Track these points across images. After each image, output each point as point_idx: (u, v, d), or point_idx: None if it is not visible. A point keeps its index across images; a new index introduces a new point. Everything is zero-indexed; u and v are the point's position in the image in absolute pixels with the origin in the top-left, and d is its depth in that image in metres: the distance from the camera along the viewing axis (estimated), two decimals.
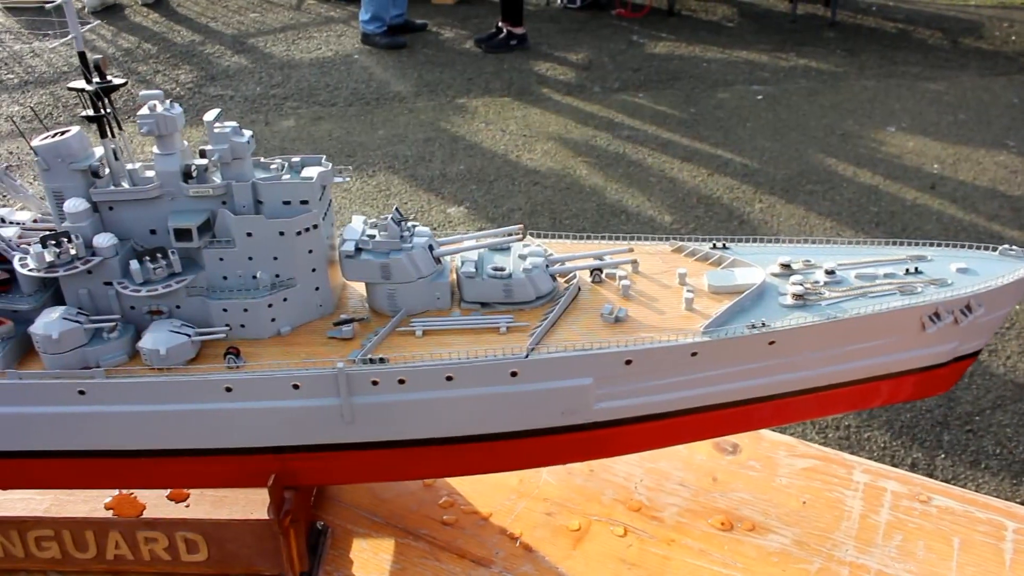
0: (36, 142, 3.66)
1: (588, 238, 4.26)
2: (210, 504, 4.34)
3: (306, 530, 4.00)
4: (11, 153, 10.93)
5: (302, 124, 11.51)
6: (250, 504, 4.30)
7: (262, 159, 3.80)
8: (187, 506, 4.35)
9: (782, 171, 10.68)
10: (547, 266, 3.92)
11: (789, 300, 3.87)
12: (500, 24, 13.75)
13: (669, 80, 12.91)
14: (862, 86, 12.66)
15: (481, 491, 4.47)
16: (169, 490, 4.40)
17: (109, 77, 3.65)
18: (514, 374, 3.62)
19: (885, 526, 4.31)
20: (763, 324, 3.74)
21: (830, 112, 12.02)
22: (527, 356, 3.60)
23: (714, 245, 4.27)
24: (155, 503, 4.38)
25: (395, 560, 4.14)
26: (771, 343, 3.79)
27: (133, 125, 3.64)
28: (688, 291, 3.91)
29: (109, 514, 4.30)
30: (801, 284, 3.91)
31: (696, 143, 11.32)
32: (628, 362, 3.68)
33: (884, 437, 6.78)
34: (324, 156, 3.81)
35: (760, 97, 12.41)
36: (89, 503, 4.37)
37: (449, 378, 3.58)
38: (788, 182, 10.45)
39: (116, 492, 4.42)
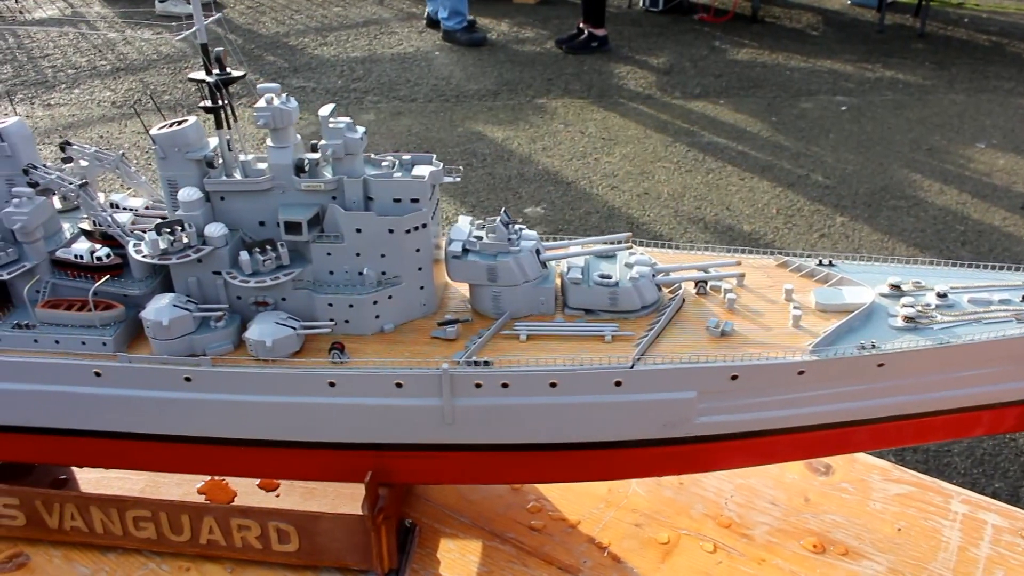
0: (154, 131, 3.72)
1: (692, 248, 4.19)
2: (299, 495, 4.38)
3: (396, 527, 3.99)
4: (101, 137, 11.18)
5: (382, 119, 11.58)
6: (339, 498, 4.33)
7: (373, 155, 3.80)
8: (277, 496, 4.40)
9: (865, 185, 10.42)
10: (653, 275, 3.86)
11: (900, 322, 3.76)
12: (581, 25, 13.68)
13: (751, 88, 12.71)
14: (951, 100, 12.31)
15: (569, 498, 4.43)
16: (259, 479, 4.45)
17: (228, 69, 3.68)
18: (618, 384, 3.57)
19: (985, 561, 4.16)
20: (873, 346, 3.64)
21: (917, 126, 11.71)
22: (632, 366, 3.55)
23: (820, 262, 4.17)
24: (246, 491, 4.45)
25: (482, 562, 4.12)
26: (880, 365, 3.69)
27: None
28: (795, 308, 3.82)
29: (202, 499, 4.37)
30: (912, 306, 3.80)
31: (777, 153, 11.12)
32: (734, 377, 3.61)
33: (964, 464, 6.56)
34: (435, 155, 3.80)
35: (844, 108, 12.14)
36: (182, 487, 4.45)
37: (553, 384, 3.54)
38: (871, 197, 10.19)
39: (208, 477, 4.49)
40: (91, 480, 4.57)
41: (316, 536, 3.94)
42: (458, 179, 3.82)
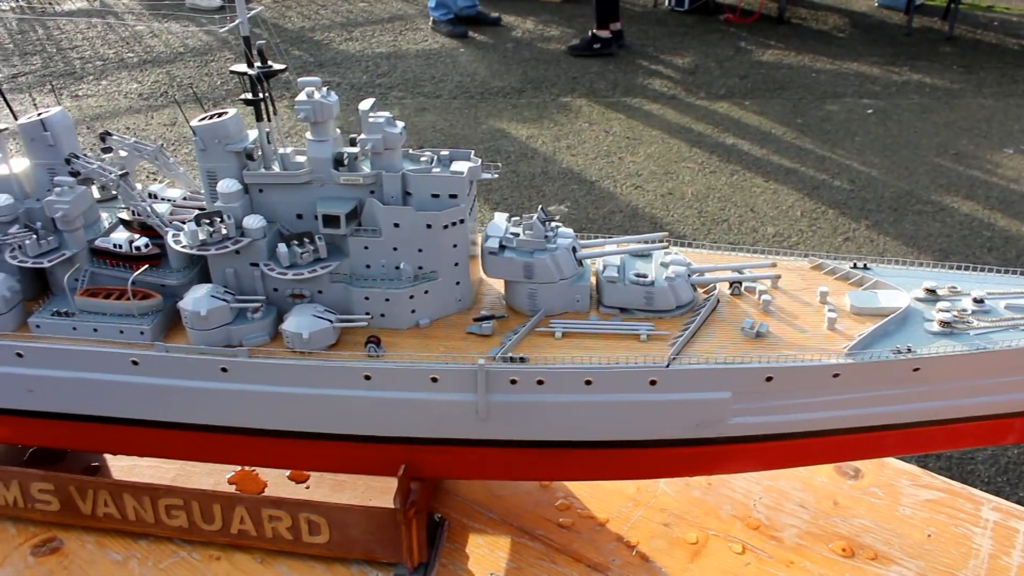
0: (195, 122, 3.74)
1: (732, 249, 4.18)
2: (329, 488, 4.40)
3: (426, 522, 4.00)
4: (128, 128, 11.26)
5: (406, 114, 11.60)
6: (369, 491, 4.35)
7: (411, 150, 3.81)
8: (307, 487, 4.42)
9: (890, 189, 10.36)
10: (688, 275, 3.85)
11: (936, 327, 3.74)
12: (611, 30, 13.69)
13: (776, 89, 12.66)
14: (979, 104, 12.22)
15: (598, 496, 4.43)
16: (290, 470, 4.47)
17: (270, 63, 3.70)
18: (653, 383, 3.57)
19: (1017, 569, 4.13)
20: (909, 350, 3.62)
21: (944, 130, 11.63)
22: (668, 366, 3.55)
23: (855, 265, 4.15)
24: (276, 482, 4.47)
25: (511, 558, 4.12)
26: (916, 370, 3.67)
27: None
28: (830, 310, 3.81)
29: (232, 489, 4.40)
30: (948, 311, 3.78)
31: (802, 155, 11.07)
32: (769, 379, 3.60)
33: (988, 471, 6.52)
34: (472, 151, 3.80)
35: (870, 111, 12.08)
36: (213, 476, 4.48)
37: (588, 382, 3.54)
38: (896, 200, 10.13)
39: (239, 468, 4.52)
40: (123, 467, 4.61)
41: (347, 528, 3.96)
42: (496, 175, 3.83)
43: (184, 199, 4.12)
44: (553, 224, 3.81)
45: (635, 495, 4.46)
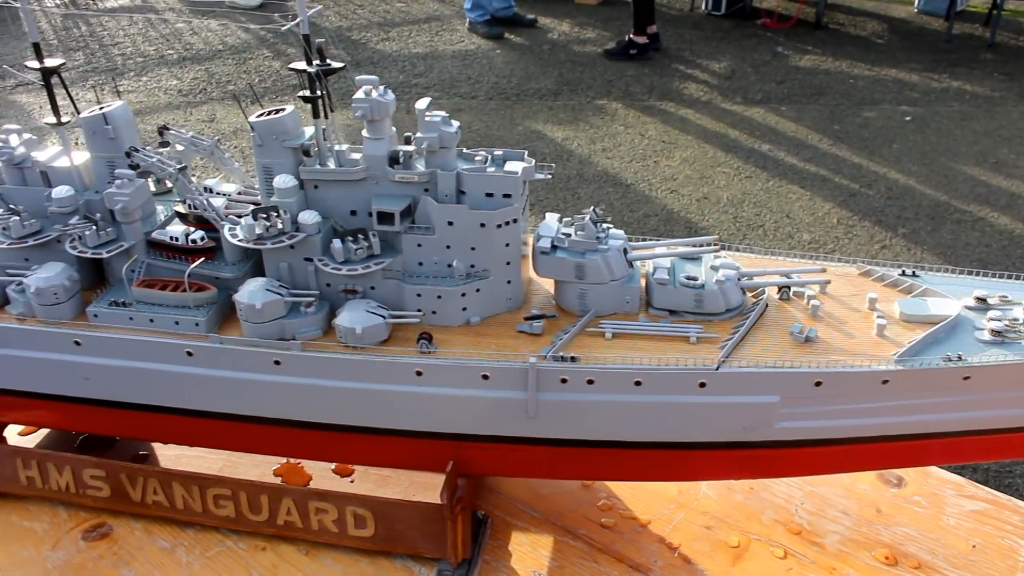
0: (253, 118, 3.79)
1: (781, 254, 4.19)
2: (374, 482, 4.45)
3: (470, 518, 4.03)
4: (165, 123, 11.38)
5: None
6: (413, 486, 4.39)
7: (464, 150, 3.84)
8: (352, 481, 4.47)
9: (928, 197, 10.28)
10: (738, 279, 3.86)
11: (986, 336, 3.72)
12: (648, 33, 13.68)
13: (813, 95, 12.59)
14: (1020, 113, 12.09)
15: (640, 497, 4.44)
16: (335, 464, 4.52)
17: (328, 60, 3.74)
18: (702, 385, 3.58)
19: None
20: (959, 358, 3.61)
21: (983, 138, 11.52)
22: (717, 368, 3.56)
23: (903, 272, 4.14)
24: (321, 475, 4.52)
25: (553, 557, 4.15)
26: (966, 378, 3.66)
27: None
28: (879, 317, 3.80)
29: (278, 480, 4.45)
30: (1000, 320, 3.76)
31: (838, 162, 11.01)
32: (818, 384, 3.60)
33: None
34: (526, 151, 3.83)
35: (909, 118, 11.99)
36: (259, 468, 4.53)
37: (638, 383, 3.56)
38: (934, 209, 10.05)
39: (284, 460, 4.57)
40: (170, 457, 4.68)
41: (392, 523, 4.00)
42: (549, 176, 3.85)
43: (239, 194, 4.18)
44: (604, 225, 3.83)
45: (677, 497, 4.47)
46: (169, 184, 4.36)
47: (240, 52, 13.91)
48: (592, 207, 3.86)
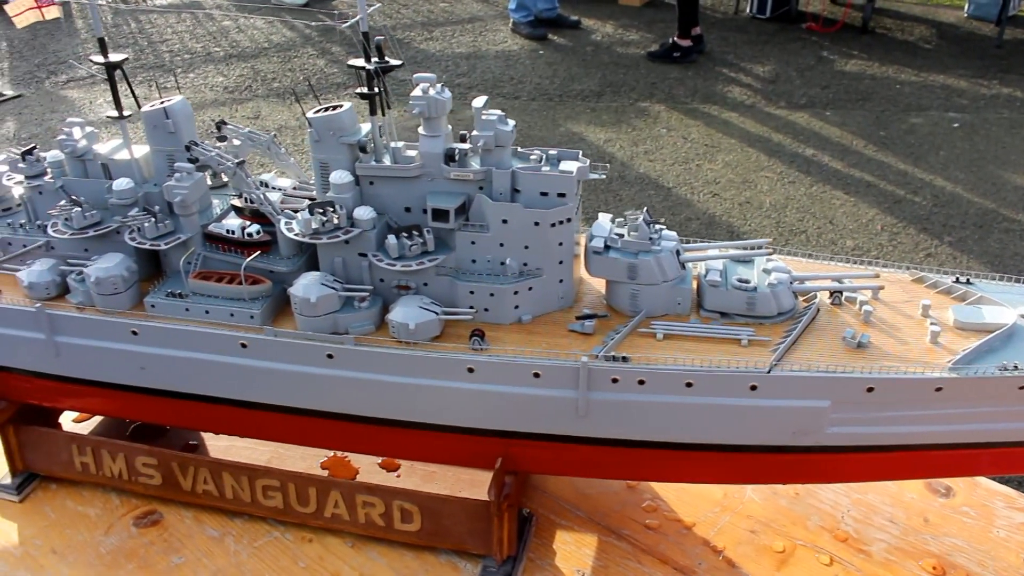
0: (311, 114, 3.84)
1: (831, 258, 4.17)
2: (420, 477, 4.48)
3: (516, 516, 4.05)
4: (211, 119, 11.53)
5: None
6: (458, 483, 4.42)
7: (519, 149, 3.86)
8: (398, 476, 4.51)
9: (975, 205, 10.13)
10: (790, 283, 3.85)
11: None
12: (690, 38, 13.63)
13: (858, 100, 12.45)
14: None
15: (684, 499, 4.44)
16: (382, 458, 4.56)
17: (387, 58, 3.78)
18: (754, 388, 3.57)
19: None
20: (1016, 367, 3.57)
21: None
22: (769, 371, 3.54)
23: (957, 279, 4.09)
24: (367, 469, 4.57)
25: (597, 557, 4.15)
26: (1021, 388, 3.61)
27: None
28: (933, 324, 3.77)
29: (325, 473, 4.50)
30: None
31: (883, 168, 10.88)
32: (870, 389, 3.58)
33: None
34: (580, 152, 3.85)
35: (956, 125, 11.81)
36: (306, 460, 4.59)
37: (689, 384, 3.56)
38: (981, 217, 9.90)
39: (331, 453, 4.62)
40: (220, 447, 4.75)
41: (439, 518, 4.03)
42: (603, 176, 3.87)
43: (294, 189, 4.23)
44: (657, 226, 3.83)
45: (722, 500, 4.46)
46: (224, 178, 4.43)
47: (285, 50, 14.05)
48: (644, 208, 3.87)
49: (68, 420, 4.90)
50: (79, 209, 4.10)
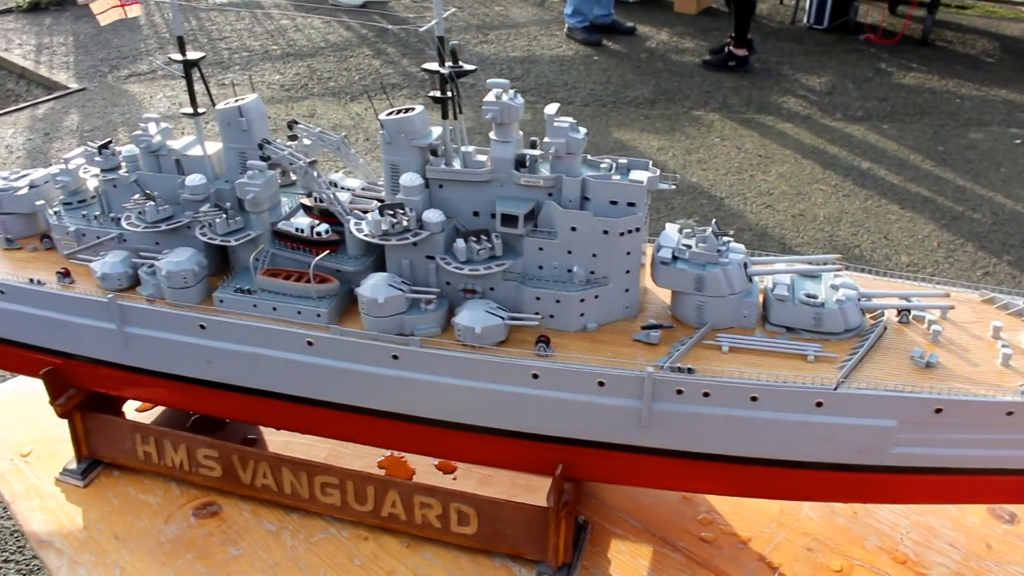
0: (383, 116, 3.88)
1: (915, 277, 4.11)
2: (476, 481, 4.50)
3: (573, 523, 4.05)
4: (268, 118, 11.66)
5: (537, 119, 11.66)
6: (515, 488, 4.43)
7: (589, 157, 3.87)
8: (454, 479, 4.53)
9: None
10: (858, 299, 3.81)
11: None
12: (734, 46, 13.55)
13: (917, 114, 12.27)
14: None
15: (740, 514, 4.40)
16: (439, 460, 4.59)
17: (460, 63, 3.81)
18: (819, 404, 3.54)
19: None
20: None
21: None
22: (836, 388, 3.51)
23: None
24: (424, 470, 4.59)
25: (652, 567, 4.14)
26: None
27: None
28: (1004, 346, 3.70)
29: (382, 473, 4.54)
30: None
31: (941, 184, 10.70)
32: (938, 410, 3.52)
33: None
34: (650, 161, 3.84)
35: (1019, 141, 11.59)
36: (363, 459, 4.63)
37: (754, 398, 3.54)
38: None
39: (389, 452, 4.66)
40: (278, 442, 4.81)
41: (496, 522, 4.04)
42: (673, 186, 3.86)
43: (363, 189, 4.27)
44: (725, 239, 3.81)
45: (778, 516, 4.42)
46: (293, 177, 4.49)
47: (341, 50, 14.18)
48: (714, 220, 3.85)
49: (130, 409, 4.99)
50: (152, 203, 4.18)
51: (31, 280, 4.30)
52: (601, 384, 3.60)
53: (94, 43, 15.09)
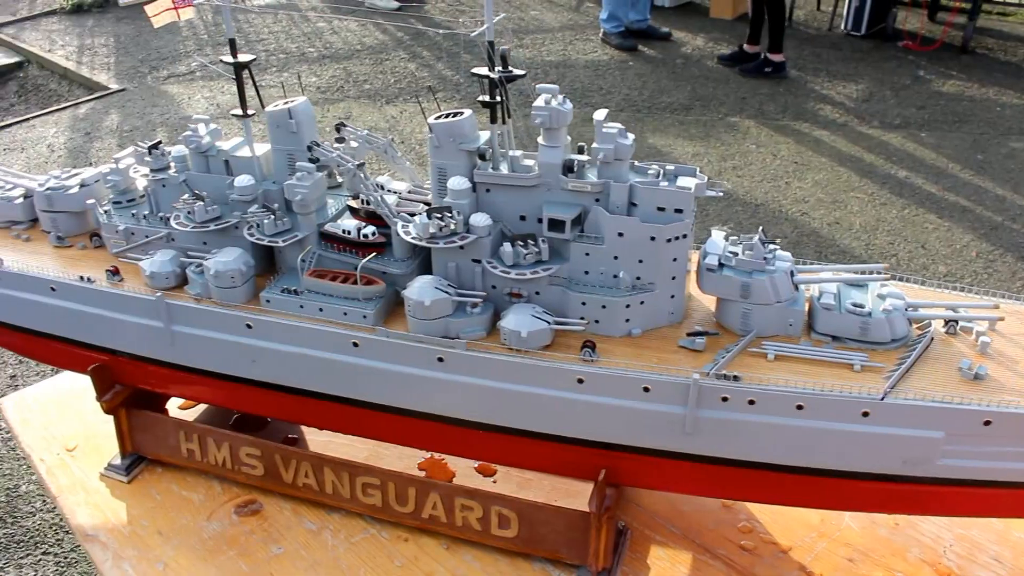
0: (432, 120, 3.91)
1: (953, 287, 4.09)
2: (516, 484, 4.51)
3: (614, 528, 4.05)
4: None
5: (573, 124, 11.69)
6: (554, 492, 4.43)
7: (636, 163, 3.88)
8: (494, 482, 4.54)
9: None
10: (905, 309, 3.78)
11: None
12: (746, 47, 13.50)
13: (956, 122, 12.15)
14: None
15: (780, 522, 4.38)
16: (478, 462, 4.61)
17: (510, 68, 3.83)
18: (866, 414, 3.52)
19: None
20: None
21: None
22: (883, 398, 3.49)
23: None
24: (464, 472, 4.61)
25: (691, 574, 4.13)
26: None
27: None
28: None
29: (422, 474, 4.56)
30: None
31: (980, 193, 10.59)
32: (987, 423, 3.49)
33: None
34: (698, 168, 3.84)
35: None
36: (403, 460, 4.65)
37: (800, 407, 3.52)
38: None
39: (429, 454, 4.68)
40: (319, 442, 4.85)
41: (536, 526, 4.05)
42: (720, 194, 3.85)
43: (409, 192, 4.31)
44: (771, 247, 3.80)
45: (819, 526, 4.39)
46: (339, 178, 4.53)
47: (377, 52, 14.29)
48: (760, 227, 3.84)
49: (173, 407, 5.05)
50: (201, 203, 4.23)
51: (81, 278, 4.37)
52: (646, 390, 3.60)
53: (134, 44, 15.30)
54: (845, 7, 14.88)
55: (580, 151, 3.90)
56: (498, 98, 3.84)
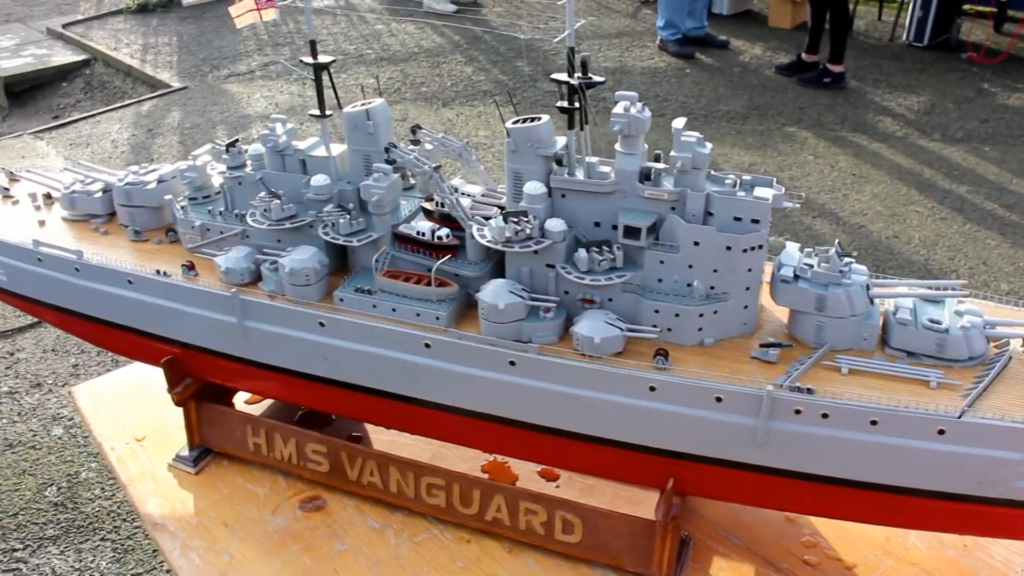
0: (509, 124, 3.94)
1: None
2: (578, 490, 4.52)
3: (678, 538, 4.04)
4: None
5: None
6: (616, 499, 4.43)
7: (713, 172, 3.87)
8: (557, 487, 4.56)
9: None
10: (983, 326, 3.73)
11: None
12: (804, 56, 13.35)
13: (1021, 136, 11.91)
14: None
15: (845, 538, 4.34)
16: (542, 466, 4.62)
17: (590, 74, 3.85)
18: (941, 432, 3.47)
19: None
20: None
21: None
22: (960, 416, 3.44)
23: None
24: (527, 476, 4.63)
25: None
26: None
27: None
28: None
29: (486, 477, 4.59)
30: None
31: None
32: None
33: None
34: (775, 179, 3.83)
35: None
36: (467, 462, 4.68)
37: (874, 422, 3.49)
38: None
39: (492, 457, 4.71)
40: (383, 441, 4.90)
41: (600, 532, 4.06)
42: (797, 205, 3.83)
43: (483, 196, 4.34)
44: (847, 260, 3.77)
45: (884, 544, 4.34)
46: (412, 180, 4.58)
47: (434, 55, 14.39)
48: (837, 240, 3.81)
49: (239, 401, 5.14)
50: (278, 201, 4.30)
51: (158, 271, 4.47)
52: (718, 400, 3.59)
53: (196, 44, 15.58)
54: (907, 17, 14.67)
55: (656, 159, 3.91)
56: (576, 104, 3.86)
